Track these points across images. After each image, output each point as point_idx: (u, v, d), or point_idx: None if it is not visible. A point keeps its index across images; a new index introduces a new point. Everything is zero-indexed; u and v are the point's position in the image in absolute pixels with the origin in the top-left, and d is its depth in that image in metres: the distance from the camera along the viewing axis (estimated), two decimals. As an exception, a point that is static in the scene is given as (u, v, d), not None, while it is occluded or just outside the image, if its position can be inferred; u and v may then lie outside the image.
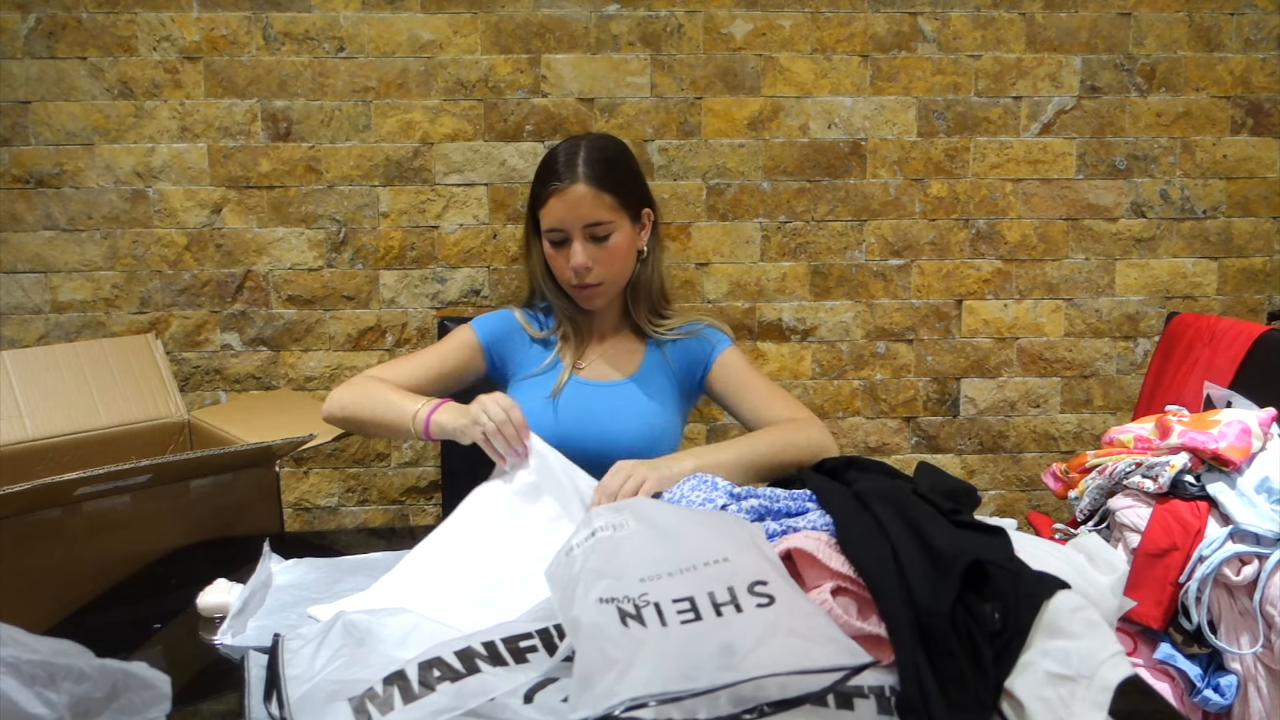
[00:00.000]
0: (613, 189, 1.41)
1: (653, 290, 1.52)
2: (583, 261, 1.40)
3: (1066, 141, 2.31)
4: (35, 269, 2.21)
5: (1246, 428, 1.52)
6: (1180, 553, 1.44)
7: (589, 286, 1.43)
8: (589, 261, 1.40)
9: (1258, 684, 1.42)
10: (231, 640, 0.97)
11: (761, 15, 2.23)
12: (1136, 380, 2.34)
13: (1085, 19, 2.27)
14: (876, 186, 2.30)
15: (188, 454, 1.35)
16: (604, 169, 1.41)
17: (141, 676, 0.72)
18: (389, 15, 2.19)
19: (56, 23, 2.14)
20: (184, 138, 2.20)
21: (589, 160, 1.40)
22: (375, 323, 2.28)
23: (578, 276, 1.42)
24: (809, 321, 2.33)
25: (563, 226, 1.40)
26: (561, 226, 1.40)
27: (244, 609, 1.02)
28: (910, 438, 2.38)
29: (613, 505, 0.83)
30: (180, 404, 1.73)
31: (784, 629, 0.70)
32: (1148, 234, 2.35)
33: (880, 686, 0.73)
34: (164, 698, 0.73)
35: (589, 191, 1.39)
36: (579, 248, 1.40)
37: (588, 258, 1.40)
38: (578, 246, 1.40)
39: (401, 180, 2.23)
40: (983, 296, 2.35)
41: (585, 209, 1.39)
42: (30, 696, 0.64)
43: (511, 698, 0.70)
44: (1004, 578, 0.78)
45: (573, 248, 1.40)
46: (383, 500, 2.33)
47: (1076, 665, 0.71)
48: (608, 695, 0.62)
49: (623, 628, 0.68)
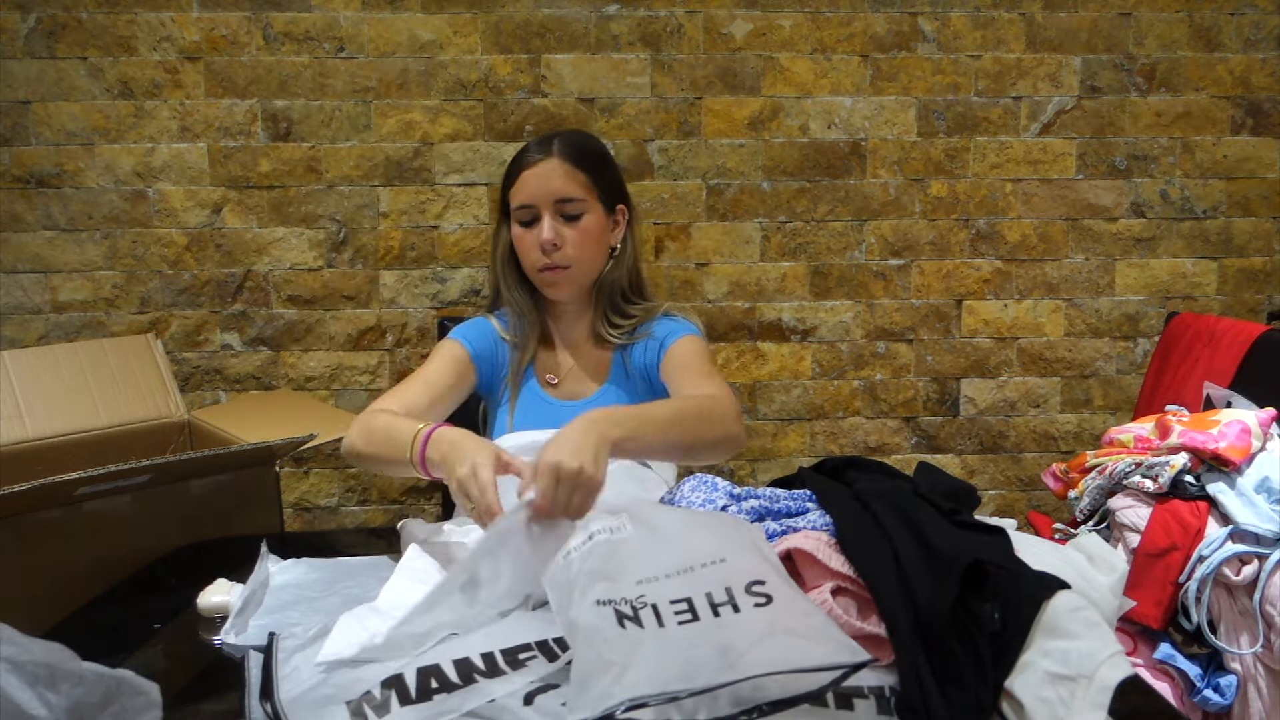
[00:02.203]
0: (587, 169, 1.40)
1: (614, 295, 1.47)
2: (551, 236, 1.37)
3: (1066, 141, 2.31)
4: (35, 269, 2.21)
5: (1246, 428, 1.52)
6: (1180, 553, 1.44)
7: (555, 269, 1.39)
8: (557, 238, 1.37)
9: (1258, 684, 1.41)
10: (234, 639, 0.97)
11: (761, 15, 2.23)
12: (1136, 380, 2.34)
13: (1085, 19, 2.27)
14: (876, 186, 2.30)
15: (188, 454, 1.35)
16: (580, 150, 1.41)
17: (133, 683, 0.72)
18: (389, 15, 2.19)
19: (56, 23, 2.14)
20: (184, 138, 2.20)
21: (565, 141, 1.41)
22: (375, 323, 2.28)
23: (545, 254, 1.38)
24: (809, 321, 2.33)
25: (533, 202, 1.38)
26: (532, 202, 1.38)
27: (244, 608, 1.02)
28: (910, 438, 2.38)
29: (609, 508, 0.83)
30: (180, 404, 1.73)
31: (782, 628, 0.69)
32: (1148, 234, 2.35)
33: (880, 687, 0.73)
34: (155, 705, 0.73)
35: (562, 165, 1.38)
36: (548, 223, 1.37)
37: (556, 234, 1.38)
38: (547, 222, 1.37)
39: (401, 180, 2.23)
40: (983, 296, 2.35)
41: (557, 182, 1.38)
42: (32, 697, 0.64)
43: (511, 699, 0.70)
44: (1004, 578, 0.78)
45: (542, 223, 1.38)
46: (383, 500, 2.33)
47: (1076, 665, 0.71)
48: (605, 697, 0.62)
49: (620, 629, 0.68)
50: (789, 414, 2.35)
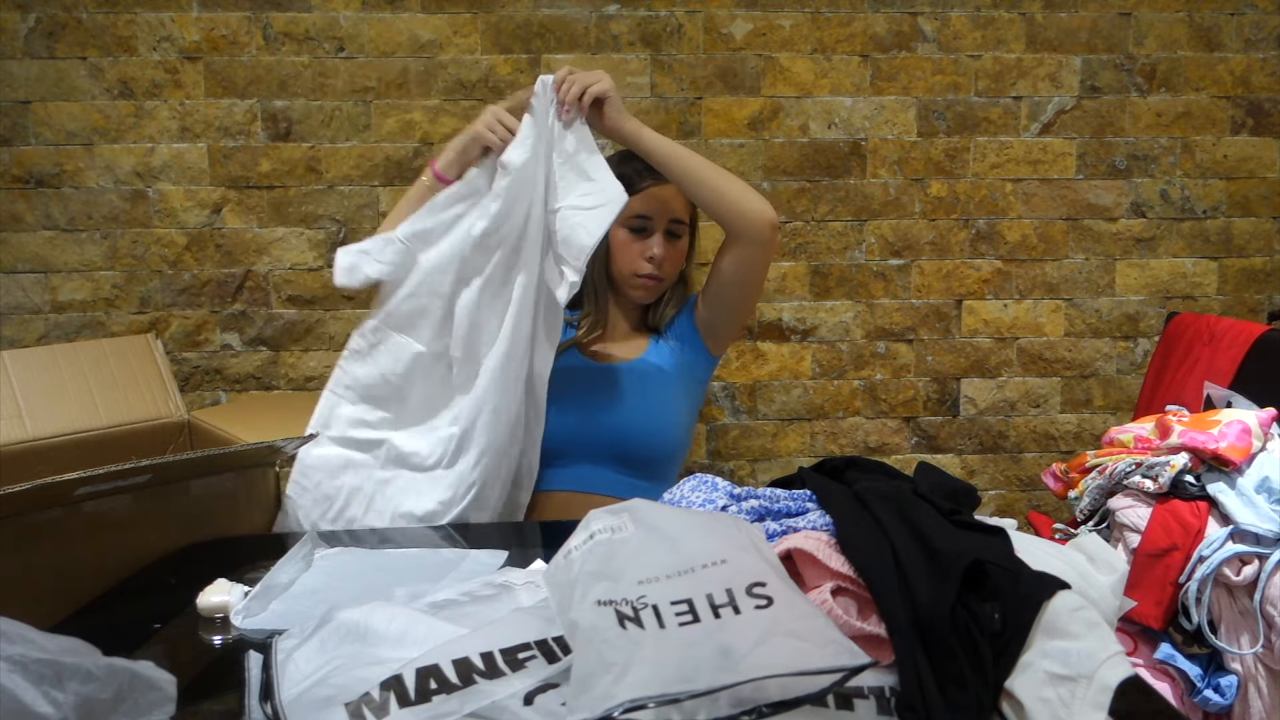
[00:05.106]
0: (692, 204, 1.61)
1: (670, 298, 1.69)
2: (663, 253, 1.57)
3: (1066, 141, 2.31)
4: (35, 269, 2.21)
5: (1246, 428, 1.52)
6: (1180, 553, 1.44)
7: (653, 279, 1.59)
8: (665, 254, 1.58)
9: (1258, 684, 1.41)
10: (243, 624, 0.97)
11: (761, 15, 2.23)
12: (1136, 380, 2.34)
13: (1085, 19, 2.27)
14: (876, 186, 2.30)
15: (188, 454, 1.35)
16: None
17: (147, 677, 0.72)
18: (389, 15, 2.19)
19: (56, 23, 2.14)
20: (184, 138, 2.20)
21: None
22: (375, 323, 2.27)
23: (652, 265, 1.57)
24: (809, 321, 2.33)
25: (653, 215, 1.57)
26: (651, 214, 1.57)
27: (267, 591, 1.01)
28: (910, 438, 2.38)
29: (611, 509, 0.83)
30: (180, 404, 1.73)
31: (782, 630, 0.69)
32: (1148, 234, 2.35)
33: (880, 687, 0.73)
34: (169, 699, 0.73)
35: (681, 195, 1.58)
36: (660, 239, 1.58)
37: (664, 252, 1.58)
38: (659, 238, 1.58)
39: (402, 180, 2.23)
40: (983, 296, 2.35)
41: (677, 206, 1.59)
42: (37, 696, 0.64)
43: (512, 700, 0.70)
44: (1004, 578, 0.78)
45: (655, 238, 1.58)
46: (383, 500, 2.33)
47: (1076, 666, 0.71)
48: (605, 698, 0.62)
49: (620, 630, 0.68)
50: (789, 414, 2.35)
